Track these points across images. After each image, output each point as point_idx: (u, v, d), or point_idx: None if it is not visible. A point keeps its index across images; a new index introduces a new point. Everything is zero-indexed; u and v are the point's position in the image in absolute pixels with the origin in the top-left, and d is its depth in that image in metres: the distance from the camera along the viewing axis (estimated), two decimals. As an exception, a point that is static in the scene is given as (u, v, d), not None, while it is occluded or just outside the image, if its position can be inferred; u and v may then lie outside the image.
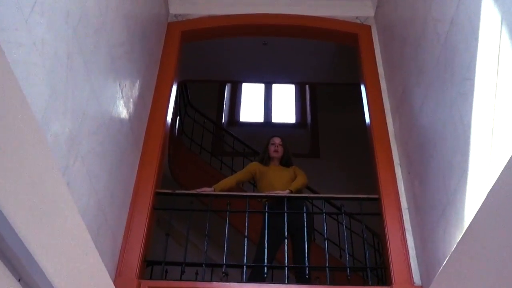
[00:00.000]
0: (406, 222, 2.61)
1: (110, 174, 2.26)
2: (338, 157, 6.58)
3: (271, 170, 3.29)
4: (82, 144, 1.87)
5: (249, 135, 6.27)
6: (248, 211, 2.82)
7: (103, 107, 2.11)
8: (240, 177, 3.27)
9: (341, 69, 5.02)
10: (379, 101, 3.10)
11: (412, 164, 2.60)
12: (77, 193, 1.83)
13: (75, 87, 1.78)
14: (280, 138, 3.46)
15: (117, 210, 2.43)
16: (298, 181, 3.21)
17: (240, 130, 6.89)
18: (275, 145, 3.40)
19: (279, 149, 3.39)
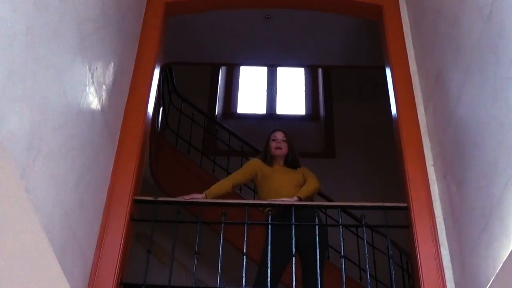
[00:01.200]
0: (441, 236, 2.62)
1: (79, 178, 2.26)
2: (357, 157, 6.61)
3: (275, 172, 3.29)
4: (44, 141, 1.88)
5: (248, 130, 6.29)
6: (247, 223, 2.82)
7: (70, 95, 2.11)
8: (238, 178, 3.28)
9: (361, 49, 5.02)
10: (408, 88, 3.10)
11: (448, 166, 2.61)
12: (38, 200, 1.83)
13: (36, 69, 1.78)
14: (283, 133, 3.46)
15: (87, 222, 2.43)
16: (309, 186, 3.22)
17: (237, 124, 6.91)
18: (277, 141, 3.41)
19: (282, 145, 3.40)
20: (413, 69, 3.19)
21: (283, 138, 3.44)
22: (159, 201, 2.90)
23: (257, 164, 3.36)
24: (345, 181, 6.31)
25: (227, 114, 7.50)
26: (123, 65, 2.96)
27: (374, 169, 6.38)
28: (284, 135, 3.45)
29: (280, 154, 3.38)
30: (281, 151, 3.38)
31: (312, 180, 3.30)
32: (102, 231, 2.61)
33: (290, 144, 3.44)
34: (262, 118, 7.30)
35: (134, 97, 3.05)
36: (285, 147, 3.41)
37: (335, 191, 5.56)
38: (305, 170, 3.41)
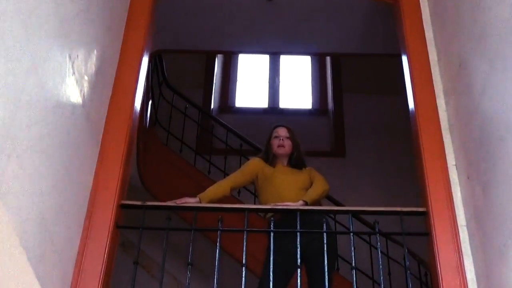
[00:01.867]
0: (464, 245, 2.62)
1: (57, 180, 2.26)
2: (371, 156, 6.63)
3: (277, 173, 3.29)
4: (18, 138, 1.87)
5: (248, 126, 6.30)
6: (246, 230, 2.82)
7: (47, 87, 2.11)
8: (236, 179, 3.27)
9: (374, 35, 5.02)
10: (427, 77, 3.10)
11: (472, 166, 2.60)
12: (12, 204, 1.83)
13: (8, 58, 1.78)
14: (286, 129, 3.46)
15: (67, 229, 2.43)
16: (316, 188, 3.22)
17: (235, 119, 6.92)
18: (280, 137, 3.40)
19: (286, 143, 3.40)
20: (432, 57, 3.18)
21: (287, 134, 3.43)
22: (148, 206, 2.90)
23: (258, 164, 3.36)
24: (357, 183, 6.31)
25: (224, 108, 7.50)
26: (108, 53, 2.96)
27: (389, 169, 6.38)
28: (288, 131, 3.45)
29: (283, 153, 3.38)
30: (284, 150, 3.38)
31: (320, 182, 3.29)
32: (83, 240, 2.61)
33: (295, 141, 3.43)
34: (263, 113, 7.31)
35: (119, 89, 3.05)
36: (289, 145, 3.40)
37: (346, 195, 5.56)
38: (312, 171, 3.40)
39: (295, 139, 3.45)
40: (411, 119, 3.14)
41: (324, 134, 7.12)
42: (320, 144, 6.80)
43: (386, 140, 6.62)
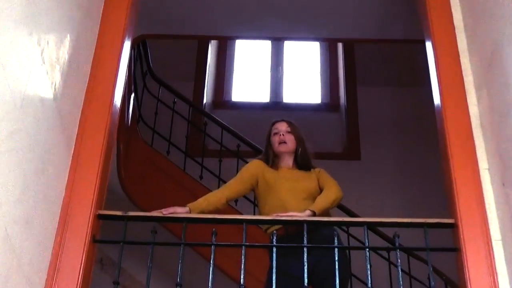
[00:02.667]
0: (498, 263, 2.61)
1: (24, 187, 2.25)
2: (389, 159, 6.64)
3: (281, 178, 3.28)
4: (-22, 138, 1.87)
5: (246, 124, 6.29)
6: (245, 245, 2.82)
7: (12, 78, 2.10)
8: (234, 188, 3.26)
9: (394, 17, 5.02)
10: (455, 67, 3.10)
11: (508, 170, 2.60)
12: (-29, 216, 1.82)
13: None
14: (287, 123, 3.45)
15: (36, 244, 2.42)
16: (328, 196, 3.21)
17: (232, 115, 6.93)
18: (280, 133, 3.39)
19: (287, 138, 3.39)
20: (462, 45, 3.18)
21: (288, 129, 3.42)
22: (130, 216, 2.90)
23: (258, 167, 3.34)
24: (373, 190, 6.31)
25: (218, 103, 7.49)
26: (83, 38, 2.95)
27: (411, 174, 6.38)
28: (289, 126, 3.44)
29: (286, 150, 3.37)
30: (286, 147, 3.37)
31: (331, 187, 3.28)
32: (55, 256, 2.60)
33: (298, 136, 3.42)
34: (264, 108, 7.32)
35: (97, 80, 3.05)
36: (291, 141, 3.39)
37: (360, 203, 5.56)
38: (321, 173, 3.39)
39: (298, 134, 3.43)
40: (436, 116, 3.13)
41: (336, 133, 7.12)
42: (330, 145, 6.80)
43: (408, 140, 6.62)
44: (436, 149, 3.11)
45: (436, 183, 3.17)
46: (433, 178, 3.68)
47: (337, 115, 7.37)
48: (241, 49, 8.07)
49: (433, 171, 3.46)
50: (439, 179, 3.02)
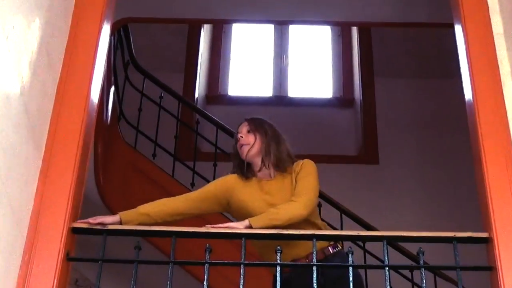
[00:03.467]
0: (542, 284, 2.60)
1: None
2: (412, 163, 6.65)
3: (253, 193, 3.21)
4: None
5: (245, 122, 6.30)
6: (244, 264, 2.81)
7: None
8: (189, 200, 3.23)
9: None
10: (489, 55, 3.09)
11: (552, 176, 2.59)
12: None
13: None
14: (247, 122, 3.35)
15: (1, 262, 2.42)
16: (283, 210, 3.00)
17: (228, 112, 6.92)
18: (238, 136, 3.32)
19: (248, 139, 3.28)
20: (497, 28, 3.17)
21: (247, 128, 3.34)
22: (110, 230, 2.89)
23: (227, 182, 3.27)
24: (393, 199, 6.30)
25: (213, 98, 7.49)
26: (54, 23, 2.94)
27: (437, 181, 6.37)
28: (249, 124, 3.35)
29: (251, 155, 3.27)
30: (247, 149, 3.28)
31: (297, 200, 3.05)
32: (22, 277, 2.59)
33: (263, 132, 3.33)
34: (266, 104, 7.32)
35: (70, 71, 3.04)
36: (252, 140, 3.30)
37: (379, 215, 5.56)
38: (301, 172, 3.23)
39: (263, 130, 3.33)
40: (468, 112, 3.12)
41: (349, 133, 7.12)
42: (343, 146, 6.80)
43: (434, 141, 6.62)
44: (467, 150, 3.10)
45: (467, 191, 3.17)
46: (463, 185, 3.67)
47: (351, 111, 7.36)
48: (239, 34, 8.07)
49: (463, 177, 3.45)
50: (470, 186, 3.01)
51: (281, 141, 3.29)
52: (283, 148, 3.28)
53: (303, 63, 7.92)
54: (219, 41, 7.89)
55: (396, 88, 7.11)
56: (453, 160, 6.06)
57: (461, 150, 3.37)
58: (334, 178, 6.12)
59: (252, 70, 7.88)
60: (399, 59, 7.22)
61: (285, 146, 3.30)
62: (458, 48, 3.29)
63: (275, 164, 3.23)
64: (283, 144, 3.30)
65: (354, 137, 7.12)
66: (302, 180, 3.16)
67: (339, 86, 7.62)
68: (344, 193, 5.93)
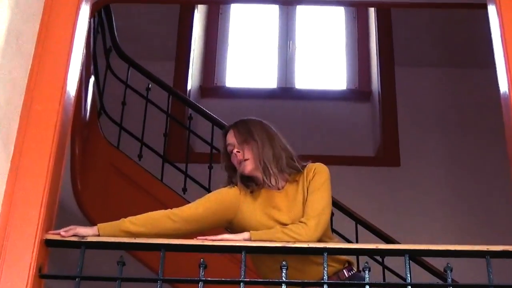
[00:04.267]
0: None
1: None
2: (438, 164, 6.64)
3: (255, 210, 3.22)
4: None
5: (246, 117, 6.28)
6: (244, 281, 2.83)
7: None
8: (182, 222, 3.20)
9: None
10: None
11: None
12: None
13: None
14: (232, 131, 3.34)
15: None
16: (290, 233, 3.02)
17: (226, 106, 6.95)
18: (233, 151, 3.31)
19: (241, 155, 3.28)
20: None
21: (234, 141, 3.33)
22: (89, 242, 2.90)
23: (230, 198, 3.23)
24: (417, 207, 6.30)
25: (208, 90, 7.49)
26: (25, 4, 2.94)
27: (466, 186, 6.36)
28: (235, 134, 3.34)
29: (250, 172, 3.29)
30: (246, 169, 3.28)
31: (306, 224, 3.09)
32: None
33: (252, 142, 3.32)
34: (270, 97, 7.34)
35: (43, 59, 3.05)
36: (248, 155, 3.30)
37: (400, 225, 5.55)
38: (312, 183, 3.27)
39: (252, 139, 3.33)
40: (503, 107, 3.13)
41: (366, 130, 7.12)
42: (359, 146, 6.79)
43: (463, 140, 6.61)
44: (501, 150, 3.10)
45: (501, 197, 3.16)
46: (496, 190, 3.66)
47: (369, 106, 7.36)
48: (238, 16, 8.06)
49: (497, 181, 3.45)
50: (505, 192, 3.01)
51: (275, 144, 3.27)
52: (280, 153, 3.26)
53: (313, 50, 7.91)
54: (215, 24, 7.88)
55: (420, 79, 7.10)
56: (485, 162, 6.06)
57: (494, 151, 3.38)
58: (348, 183, 6.12)
59: (253, 58, 7.87)
60: (424, 46, 7.21)
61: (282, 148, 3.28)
62: (491, 33, 3.29)
63: (277, 174, 3.24)
64: (279, 146, 3.27)
65: (371, 135, 7.11)
66: (314, 195, 3.16)
67: (354, 77, 7.61)
68: (360, 200, 5.92)
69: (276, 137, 3.29)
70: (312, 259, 3.09)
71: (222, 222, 3.24)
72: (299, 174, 3.25)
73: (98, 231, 3.02)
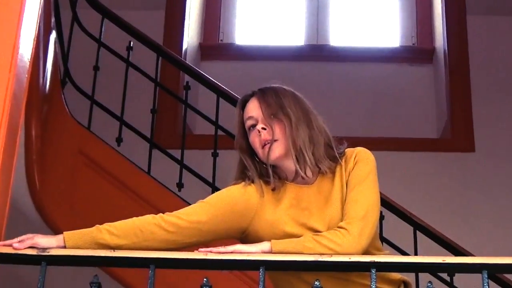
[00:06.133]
0: None
1: None
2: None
3: (282, 211, 3.22)
4: None
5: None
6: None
7: None
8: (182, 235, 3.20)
9: None
10: None
11: None
12: None
13: None
14: (256, 100, 3.29)
15: None
16: (339, 237, 3.09)
17: (236, 71, 6.97)
18: (257, 127, 3.25)
19: (265, 135, 3.22)
20: None
21: (260, 113, 3.29)
22: (52, 257, 2.93)
23: (246, 199, 3.21)
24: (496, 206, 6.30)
25: (211, 49, 7.51)
26: None
27: None
28: (261, 104, 3.29)
29: (276, 157, 3.25)
30: (273, 153, 3.23)
31: (348, 230, 3.11)
32: None
33: (286, 115, 3.28)
34: (295, 58, 7.40)
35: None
36: (279, 132, 3.26)
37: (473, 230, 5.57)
38: (355, 173, 3.26)
39: (284, 114, 3.29)
40: None
41: (428, 102, 7.12)
42: (418, 125, 6.82)
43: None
44: None
45: None
46: None
47: (430, 68, 7.37)
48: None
49: None
50: None
51: (312, 124, 3.22)
52: (318, 137, 3.21)
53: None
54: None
55: (501, 31, 7.09)
56: None
57: None
58: (402, 175, 6.13)
59: (273, 5, 7.87)
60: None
61: (319, 130, 3.23)
62: None
63: (314, 163, 3.18)
64: (316, 128, 3.22)
65: (434, 109, 7.12)
66: (356, 191, 3.13)
67: (411, 30, 7.62)
68: (420, 198, 5.93)
69: (312, 114, 3.24)
70: (354, 278, 3.08)
71: (232, 232, 3.21)
72: (334, 163, 3.21)
73: (64, 241, 3.01)
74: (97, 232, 3.03)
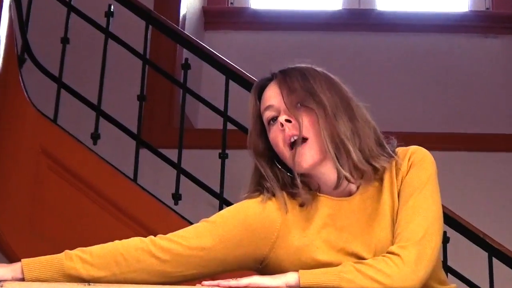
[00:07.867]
0: None
1: None
2: None
3: (314, 235, 3.22)
4: None
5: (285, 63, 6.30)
6: None
7: None
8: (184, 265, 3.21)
9: None
10: None
11: None
12: None
13: None
14: (277, 84, 3.25)
15: None
16: (390, 266, 3.08)
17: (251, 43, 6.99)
18: (277, 119, 3.21)
19: (290, 129, 3.18)
20: None
21: (281, 101, 3.25)
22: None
23: (266, 217, 3.21)
24: None
25: (218, 15, 7.55)
26: None
27: None
28: (282, 90, 3.25)
29: (308, 167, 3.22)
30: (304, 158, 3.19)
31: (400, 256, 3.12)
32: None
33: (319, 107, 3.24)
34: (330, 26, 7.37)
35: None
36: (304, 132, 3.22)
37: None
38: (409, 179, 3.24)
39: (316, 102, 3.26)
40: None
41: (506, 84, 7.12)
42: (492, 116, 6.82)
43: None
44: None
45: None
46: None
47: (510, 41, 7.37)
48: None
49: None
50: None
51: (355, 115, 3.18)
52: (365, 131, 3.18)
53: None
54: None
55: None
56: None
57: None
58: (472, 182, 6.13)
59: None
60: None
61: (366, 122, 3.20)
62: None
63: (363, 161, 3.12)
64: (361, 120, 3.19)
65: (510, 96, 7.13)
66: (411, 204, 3.07)
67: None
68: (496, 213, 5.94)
69: (353, 102, 3.19)
70: None
71: (246, 262, 3.21)
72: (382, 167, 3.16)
73: (22, 272, 3.01)
74: (66, 260, 3.00)
